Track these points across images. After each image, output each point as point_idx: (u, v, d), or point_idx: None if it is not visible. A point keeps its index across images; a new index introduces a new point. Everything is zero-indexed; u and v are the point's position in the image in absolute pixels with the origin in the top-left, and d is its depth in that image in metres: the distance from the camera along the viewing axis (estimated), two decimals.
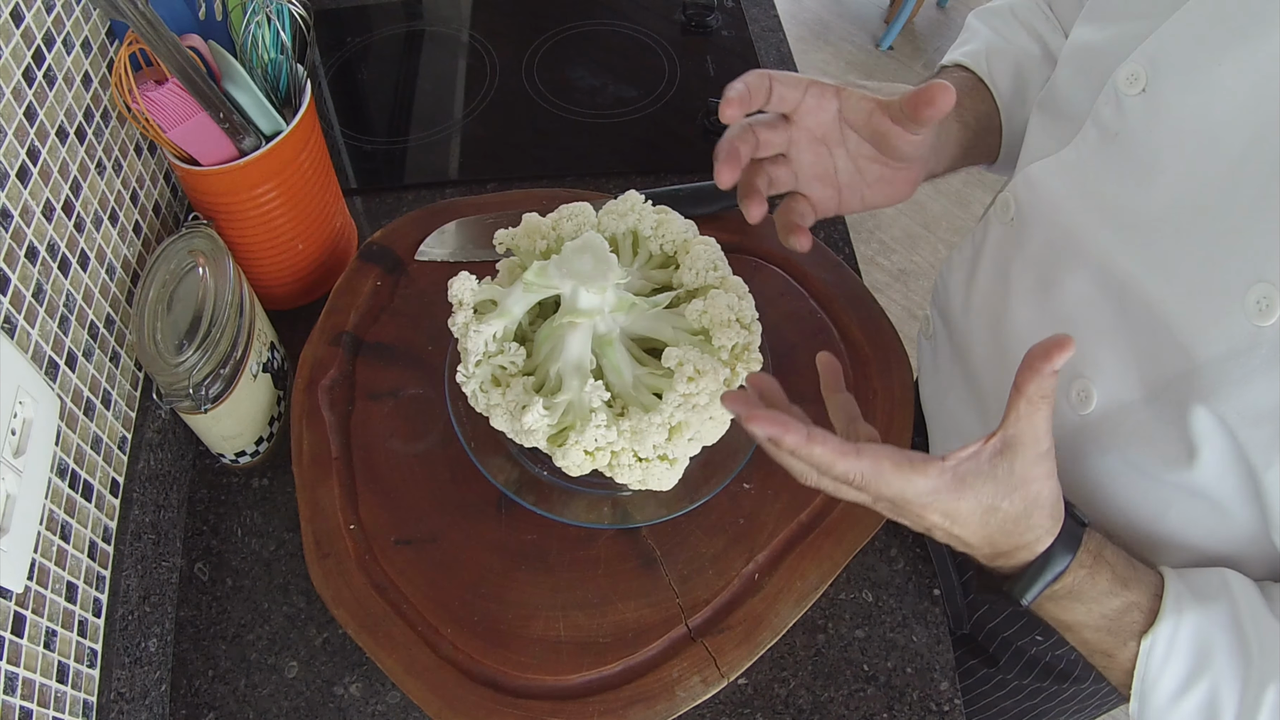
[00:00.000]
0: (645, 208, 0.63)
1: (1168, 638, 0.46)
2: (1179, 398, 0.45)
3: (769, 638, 0.59)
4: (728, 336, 0.56)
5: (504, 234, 0.63)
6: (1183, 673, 0.45)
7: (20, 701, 0.48)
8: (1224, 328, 0.42)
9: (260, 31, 0.65)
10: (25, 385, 0.51)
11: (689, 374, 0.55)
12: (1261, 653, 0.44)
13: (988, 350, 0.61)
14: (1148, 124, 0.47)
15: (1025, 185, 0.56)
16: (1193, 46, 0.44)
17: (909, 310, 2.08)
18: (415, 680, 0.57)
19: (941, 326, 0.68)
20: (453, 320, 0.59)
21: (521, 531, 0.64)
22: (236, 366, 0.64)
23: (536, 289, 0.58)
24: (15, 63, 0.54)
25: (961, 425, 0.66)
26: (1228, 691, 0.44)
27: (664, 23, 1.06)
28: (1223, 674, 0.45)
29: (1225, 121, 0.43)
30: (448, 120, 0.96)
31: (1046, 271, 0.54)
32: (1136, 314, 0.47)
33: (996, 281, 0.59)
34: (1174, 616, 0.46)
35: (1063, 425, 0.53)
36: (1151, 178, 0.46)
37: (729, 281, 0.60)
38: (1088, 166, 0.51)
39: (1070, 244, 0.52)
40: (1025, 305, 0.56)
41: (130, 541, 0.62)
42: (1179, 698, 0.45)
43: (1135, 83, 0.47)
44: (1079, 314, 0.51)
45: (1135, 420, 0.49)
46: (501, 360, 0.59)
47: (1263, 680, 0.43)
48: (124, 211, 0.67)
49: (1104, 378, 0.50)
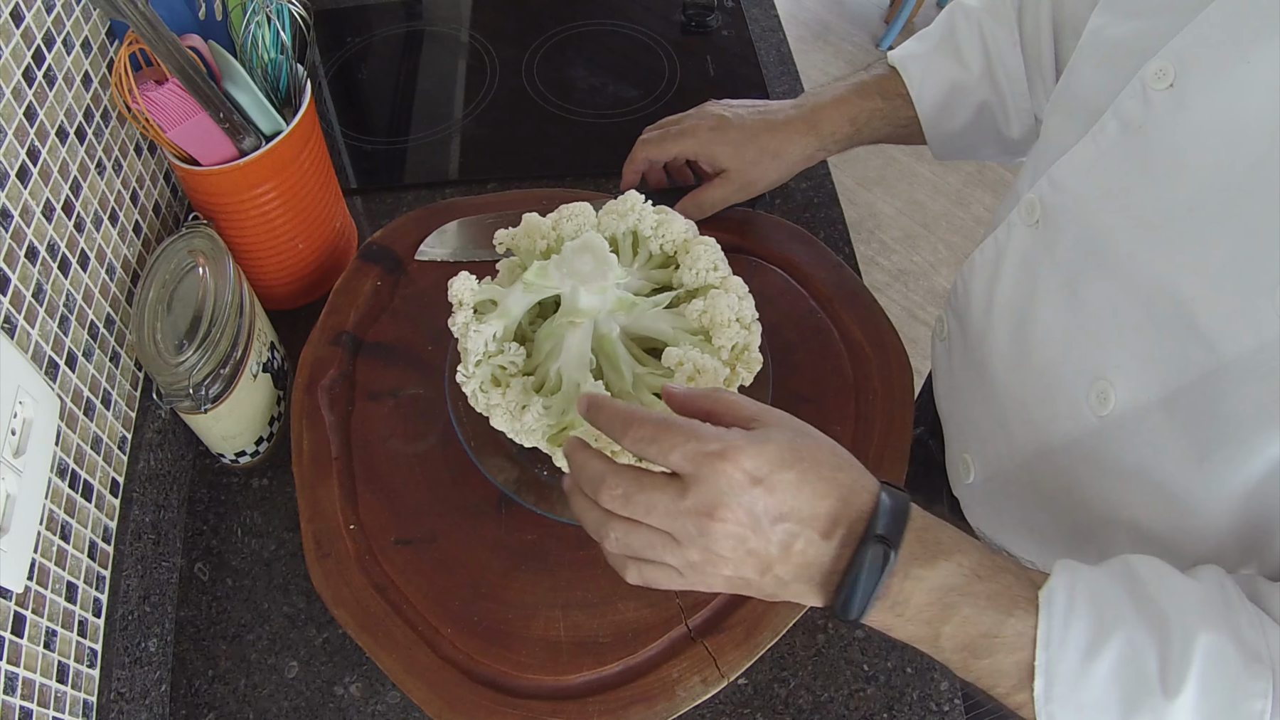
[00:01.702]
0: (645, 208, 0.63)
1: (1067, 588, 0.43)
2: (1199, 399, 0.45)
3: (769, 638, 0.59)
4: (727, 336, 0.56)
5: (504, 234, 0.63)
6: (1090, 627, 0.41)
7: (20, 701, 0.48)
8: (1252, 323, 0.42)
9: (260, 31, 0.65)
10: (25, 385, 0.51)
11: (689, 373, 0.54)
12: (1178, 609, 0.41)
13: (1008, 353, 0.60)
14: (1173, 120, 0.46)
15: (1050, 187, 0.56)
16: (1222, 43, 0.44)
17: (909, 310, 2.08)
18: (415, 680, 0.57)
19: (957, 329, 0.68)
20: (453, 320, 0.59)
21: (521, 531, 0.64)
22: (236, 366, 0.64)
23: (536, 289, 0.58)
24: (15, 63, 0.54)
25: (979, 427, 0.65)
26: (1145, 643, 0.41)
27: (664, 23, 1.06)
28: (1135, 627, 0.41)
29: (1250, 118, 0.43)
30: (448, 120, 0.96)
31: (1073, 274, 0.54)
32: (1163, 313, 0.47)
33: (1022, 285, 0.59)
34: (1068, 572, 0.44)
35: (1080, 425, 0.53)
36: (1176, 174, 0.46)
37: (729, 282, 0.60)
38: (1111, 165, 0.51)
39: (1097, 245, 0.52)
40: (1050, 308, 0.56)
41: (130, 541, 0.62)
42: (1091, 657, 0.41)
43: (1163, 78, 0.47)
44: (1104, 314, 0.51)
45: (1151, 423, 0.49)
46: (501, 360, 0.59)
47: (1188, 631, 0.40)
48: (124, 211, 0.67)
49: (1124, 379, 0.50)
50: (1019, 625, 0.42)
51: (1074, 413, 0.53)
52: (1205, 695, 0.39)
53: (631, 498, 0.43)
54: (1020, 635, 0.42)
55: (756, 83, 0.99)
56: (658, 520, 0.43)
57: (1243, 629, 0.41)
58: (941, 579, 0.43)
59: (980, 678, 0.44)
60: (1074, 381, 0.53)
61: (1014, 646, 0.42)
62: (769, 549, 0.43)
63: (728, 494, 0.42)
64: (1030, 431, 0.58)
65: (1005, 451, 0.62)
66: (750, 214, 0.80)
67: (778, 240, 0.78)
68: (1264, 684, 0.39)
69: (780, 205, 0.87)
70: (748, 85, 0.98)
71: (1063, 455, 0.56)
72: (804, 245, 0.78)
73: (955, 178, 2.30)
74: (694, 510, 0.42)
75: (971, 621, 0.43)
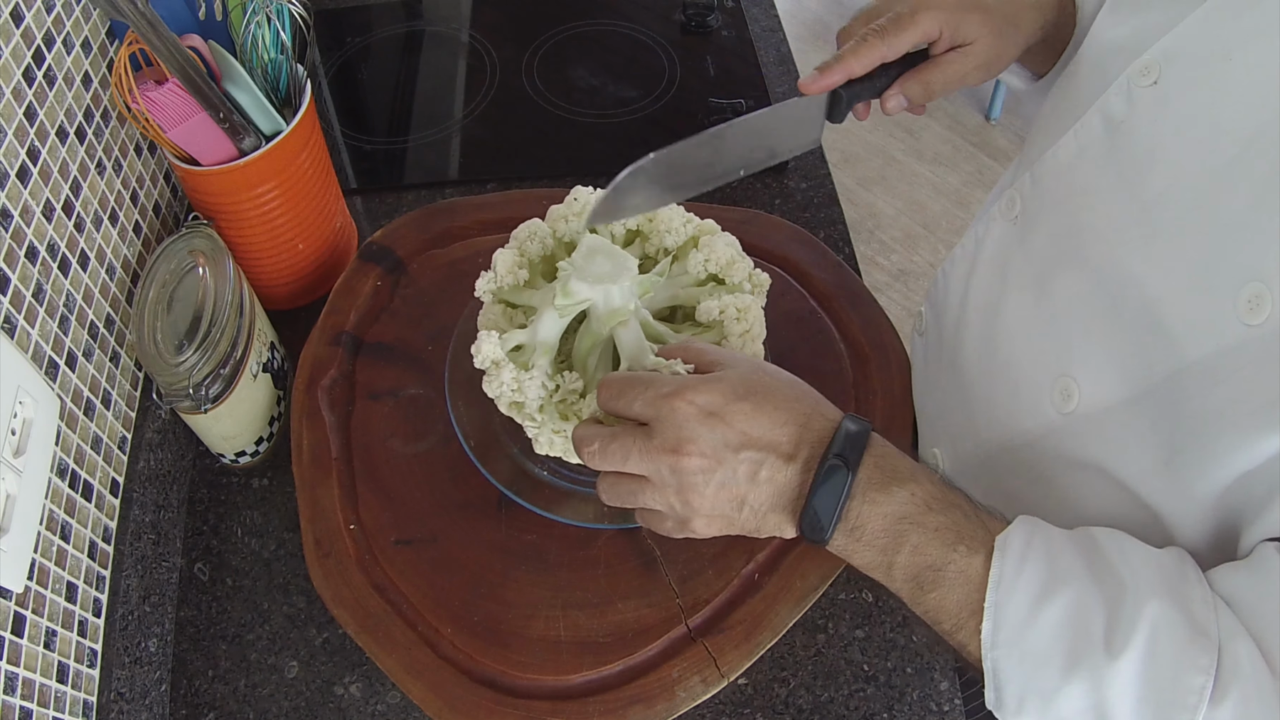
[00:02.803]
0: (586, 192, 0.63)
1: (1024, 536, 0.44)
2: (1163, 401, 0.45)
3: (769, 638, 0.59)
4: (740, 270, 0.57)
5: (484, 283, 0.61)
6: (1042, 577, 0.42)
7: (20, 701, 0.48)
8: (1215, 325, 0.42)
9: (260, 31, 0.65)
10: (25, 385, 0.51)
11: (734, 315, 0.56)
12: (1133, 576, 0.42)
13: (978, 347, 0.60)
14: (1153, 115, 0.46)
15: (1031, 183, 0.56)
16: (1207, 41, 0.44)
17: (909, 310, 2.08)
18: (415, 680, 0.57)
19: (934, 323, 0.68)
20: (494, 382, 0.56)
21: (521, 531, 0.64)
22: (236, 366, 0.64)
23: (569, 309, 0.57)
24: (15, 63, 0.54)
25: (949, 422, 0.65)
26: (1094, 602, 0.42)
27: (664, 23, 1.06)
28: (1087, 585, 0.42)
29: (1229, 116, 0.43)
30: (448, 120, 0.96)
31: (1044, 269, 0.54)
32: (1131, 312, 0.47)
33: (994, 279, 0.59)
34: (1028, 524, 0.45)
35: (1043, 422, 0.52)
36: (1151, 167, 0.46)
37: (705, 225, 0.61)
38: (1091, 162, 0.51)
39: (1072, 241, 0.52)
40: (1018, 303, 0.56)
41: (130, 541, 0.62)
42: (1040, 605, 0.42)
43: (1148, 75, 0.47)
44: (1071, 311, 0.51)
45: (1116, 423, 0.48)
46: (561, 395, 0.57)
47: (1139, 596, 0.41)
48: (124, 211, 0.67)
49: (1089, 376, 0.49)
50: (962, 562, 0.44)
51: (1038, 409, 0.53)
52: (1148, 661, 0.39)
53: (606, 449, 0.47)
54: (962, 573, 0.44)
55: (756, 83, 0.99)
56: (634, 465, 0.47)
57: (1195, 603, 0.41)
58: (895, 506, 0.45)
59: (927, 612, 0.45)
60: (1039, 377, 0.53)
61: (956, 583, 0.44)
62: (737, 479, 0.46)
63: (685, 428, 0.45)
64: (996, 426, 0.58)
65: (972, 446, 0.61)
66: (750, 214, 0.80)
67: (778, 240, 0.78)
68: (1208, 659, 0.39)
69: (780, 205, 0.87)
70: (748, 85, 0.98)
71: (1027, 451, 0.55)
72: (804, 245, 0.78)
73: (955, 178, 2.30)
74: (660, 449, 0.45)
75: (920, 551, 0.44)
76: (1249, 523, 0.43)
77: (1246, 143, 0.42)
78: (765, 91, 0.98)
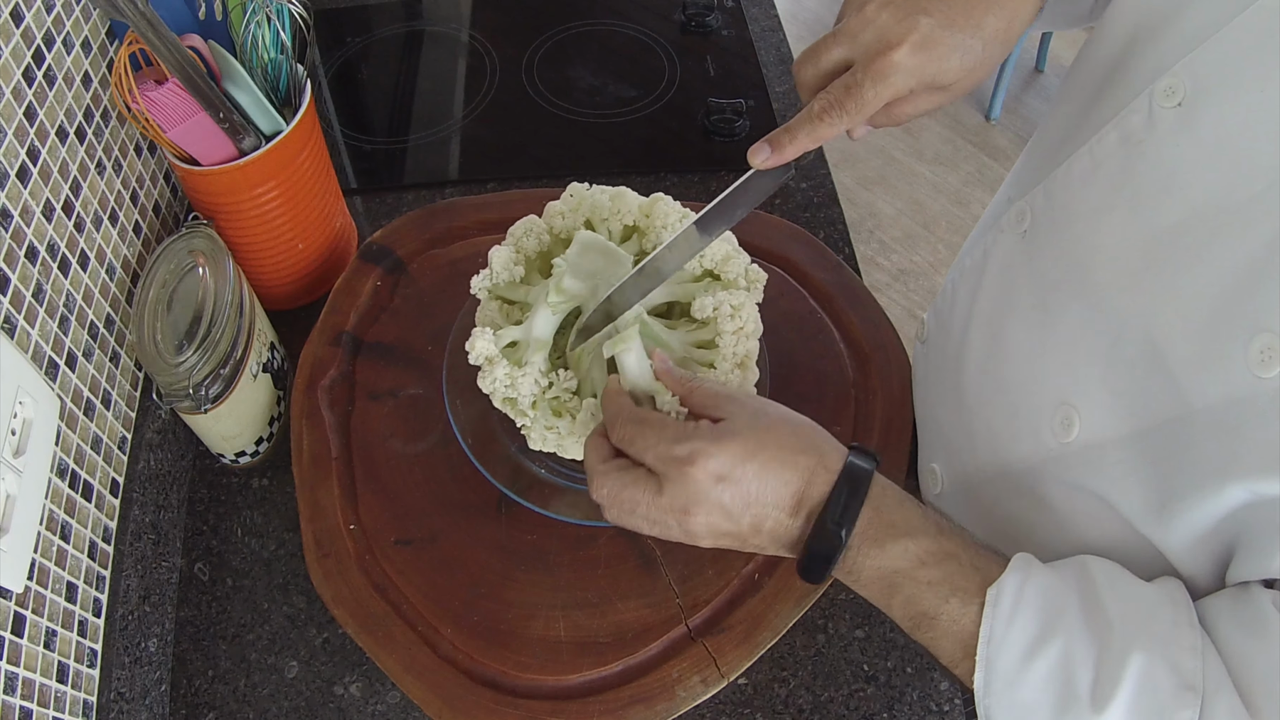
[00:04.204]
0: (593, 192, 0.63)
1: (1015, 589, 0.44)
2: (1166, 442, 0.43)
3: (769, 638, 0.59)
4: (736, 265, 0.57)
5: (480, 279, 0.61)
6: (1033, 630, 0.42)
7: (20, 701, 0.48)
8: (1223, 375, 0.40)
9: (260, 31, 0.65)
10: (25, 385, 0.51)
11: (728, 313, 0.56)
12: (1123, 620, 0.42)
13: (981, 365, 0.59)
14: (1176, 138, 0.44)
15: (1044, 196, 0.54)
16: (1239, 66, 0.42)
17: (909, 310, 2.08)
18: (415, 680, 0.57)
19: (937, 335, 0.67)
20: (488, 378, 0.56)
21: (521, 531, 0.64)
22: (236, 366, 0.64)
23: (562, 306, 0.57)
24: (15, 63, 0.54)
25: (949, 438, 0.64)
26: (1082, 654, 0.41)
27: (664, 23, 1.06)
28: (1076, 635, 0.42)
29: (1257, 149, 0.40)
30: (448, 120, 0.96)
31: (1050, 292, 0.52)
32: (1134, 349, 0.45)
33: (999, 296, 0.58)
34: (1021, 571, 0.45)
35: (1041, 450, 0.51)
36: (1167, 196, 0.44)
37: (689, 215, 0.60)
38: (1105, 180, 0.49)
39: (1077, 265, 0.50)
40: (1023, 325, 0.54)
41: (130, 541, 0.62)
42: (1029, 659, 0.42)
43: (1172, 95, 0.44)
44: (1075, 340, 0.49)
45: (1114, 459, 0.47)
46: (554, 391, 0.57)
47: (1126, 647, 0.41)
48: (124, 211, 0.67)
49: (1090, 409, 0.48)
50: (953, 612, 0.45)
51: (1037, 436, 0.52)
52: (1130, 714, 0.40)
53: (617, 496, 0.48)
54: (955, 623, 0.45)
55: (756, 83, 0.99)
56: (642, 517, 0.48)
57: (1183, 652, 0.41)
58: (889, 561, 0.46)
59: (925, 647, 0.47)
60: (1040, 403, 0.52)
61: (949, 631, 0.45)
62: (742, 529, 0.47)
63: (696, 495, 0.46)
64: (995, 448, 0.57)
65: (970, 466, 0.60)
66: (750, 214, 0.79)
67: (778, 240, 0.78)
68: (1190, 713, 0.39)
69: (780, 205, 0.87)
70: (748, 85, 0.98)
71: (1025, 477, 0.54)
72: (804, 245, 0.78)
73: (955, 178, 2.30)
74: (669, 508, 0.47)
75: (913, 601, 0.46)
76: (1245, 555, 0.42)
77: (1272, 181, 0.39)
78: (765, 91, 0.98)
